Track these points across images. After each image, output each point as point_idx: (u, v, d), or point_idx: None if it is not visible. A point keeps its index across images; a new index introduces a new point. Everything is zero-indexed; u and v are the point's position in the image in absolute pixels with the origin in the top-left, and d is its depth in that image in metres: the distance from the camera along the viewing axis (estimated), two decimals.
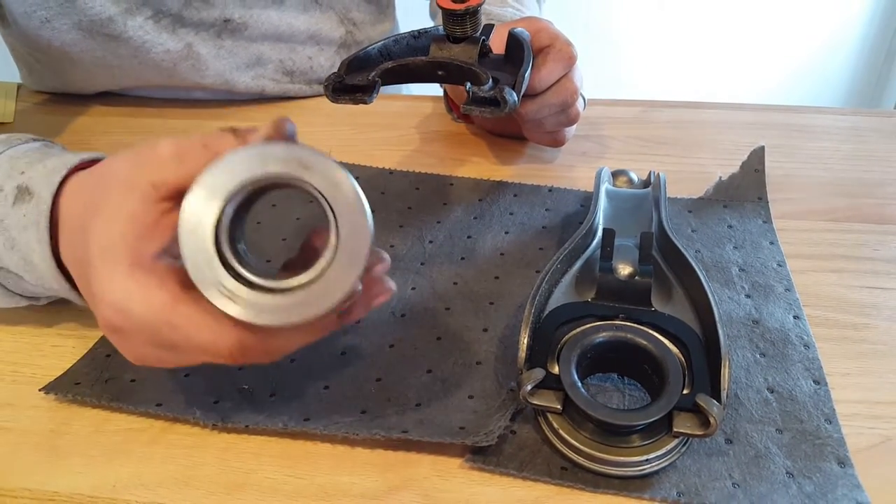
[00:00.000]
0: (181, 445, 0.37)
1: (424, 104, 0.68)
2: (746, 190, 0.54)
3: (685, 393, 0.35)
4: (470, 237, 0.51)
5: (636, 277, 0.40)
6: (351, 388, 0.39)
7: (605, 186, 0.50)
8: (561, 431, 0.35)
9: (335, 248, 0.29)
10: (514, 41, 0.49)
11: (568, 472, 0.35)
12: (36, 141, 0.42)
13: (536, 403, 0.35)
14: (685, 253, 0.41)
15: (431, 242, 0.50)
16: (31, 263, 0.37)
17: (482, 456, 0.36)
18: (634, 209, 0.47)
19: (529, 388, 0.35)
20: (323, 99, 0.69)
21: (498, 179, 0.57)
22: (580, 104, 0.55)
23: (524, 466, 0.35)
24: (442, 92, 0.65)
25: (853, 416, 0.38)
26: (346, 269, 0.29)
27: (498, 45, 0.51)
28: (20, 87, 0.74)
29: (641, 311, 0.39)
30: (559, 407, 0.35)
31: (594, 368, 0.39)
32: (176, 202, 0.31)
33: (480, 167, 0.59)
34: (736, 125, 0.64)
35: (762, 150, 0.57)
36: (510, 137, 0.62)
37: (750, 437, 0.36)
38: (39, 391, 0.39)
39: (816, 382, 0.39)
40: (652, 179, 0.50)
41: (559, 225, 0.52)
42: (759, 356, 0.41)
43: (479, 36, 0.48)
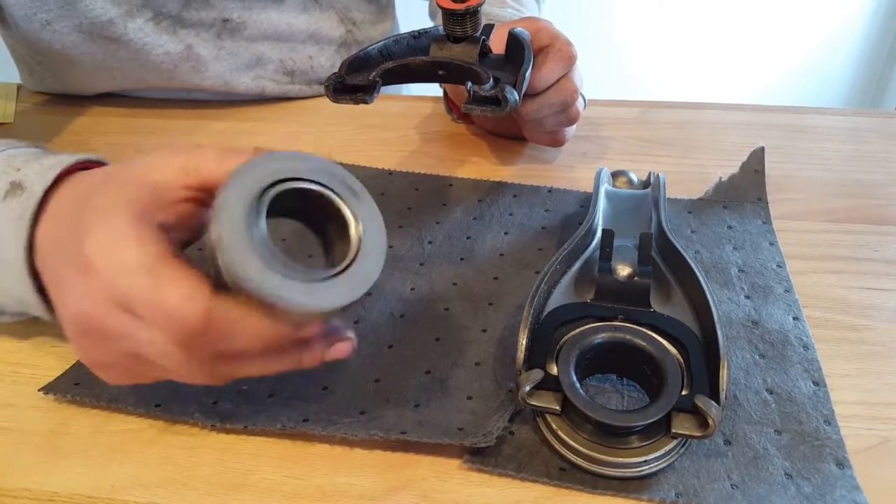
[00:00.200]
0: (180, 446, 0.37)
1: (424, 105, 0.68)
2: (746, 191, 0.54)
3: (684, 394, 0.35)
4: (469, 238, 0.51)
5: (635, 278, 0.40)
6: (349, 388, 0.39)
7: (604, 187, 0.50)
8: (559, 432, 0.35)
9: (355, 256, 0.32)
10: (514, 41, 0.49)
11: (566, 473, 0.35)
12: (37, 148, 0.41)
13: (535, 404, 0.35)
14: (684, 254, 0.41)
15: (431, 243, 0.50)
16: (2, 261, 0.35)
17: (481, 457, 0.36)
18: (634, 210, 0.47)
19: (528, 388, 0.35)
20: (323, 99, 0.69)
21: (497, 180, 0.57)
22: (580, 104, 0.55)
23: (522, 467, 0.35)
24: (442, 93, 0.65)
25: (852, 417, 0.38)
26: (366, 275, 0.32)
27: (498, 45, 0.51)
28: (20, 87, 0.74)
29: (640, 311, 0.39)
30: (558, 408, 0.35)
31: (593, 369, 0.39)
32: (200, 196, 0.32)
33: (480, 168, 0.59)
34: (736, 126, 0.64)
35: (762, 150, 0.57)
36: (510, 138, 0.62)
37: (749, 438, 0.36)
38: (39, 391, 0.39)
39: (815, 384, 0.39)
40: (651, 180, 0.50)
41: (558, 226, 0.52)
42: (758, 357, 0.41)
43: (479, 36, 0.48)
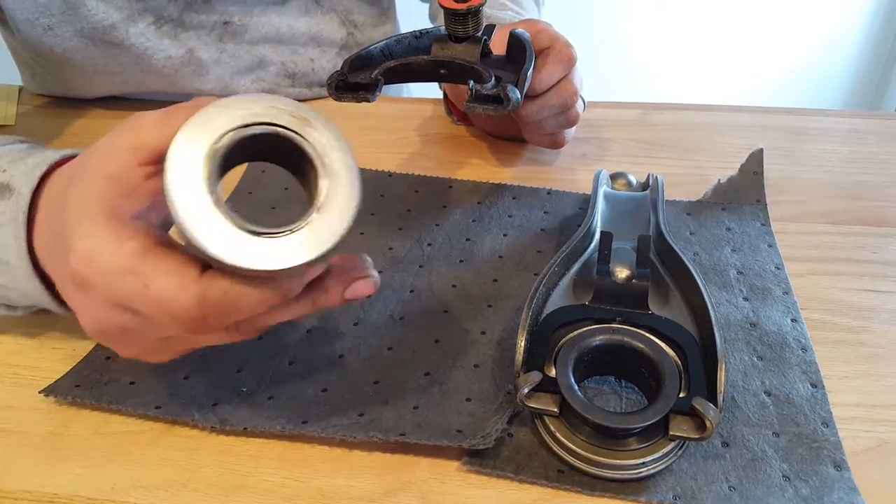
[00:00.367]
0: (180, 448, 0.37)
1: (424, 106, 0.68)
2: (745, 193, 0.54)
3: (682, 396, 0.35)
4: (468, 240, 0.51)
5: (633, 280, 0.40)
6: (349, 390, 0.39)
7: (603, 189, 0.50)
8: (558, 434, 0.35)
9: (324, 200, 0.29)
10: (515, 41, 0.49)
11: (564, 475, 0.35)
12: (23, 143, 0.41)
13: (533, 406, 0.35)
14: (682, 256, 0.42)
15: (430, 245, 0.50)
16: (6, 263, 0.36)
17: (479, 459, 0.36)
18: (632, 212, 0.47)
19: (526, 391, 0.35)
20: (323, 101, 0.70)
21: (497, 182, 0.57)
22: (580, 106, 0.55)
23: (521, 469, 0.35)
24: (442, 94, 0.65)
25: (850, 419, 0.38)
26: (335, 221, 0.29)
27: (498, 47, 0.51)
28: (21, 89, 0.74)
29: (638, 314, 0.39)
30: (556, 410, 0.35)
31: (591, 371, 0.39)
32: (159, 168, 0.30)
33: (480, 170, 0.59)
34: (735, 128, 0.64)
35: (761, 152, 0.57)
36: (510, 140, 0.62)
37: (746, 440, 0.36)
38: (39, 393, 0.40)
39: (814, 386, 0.39)
40: (650, 182, 0.50)
41: (558, 227, 0.52)
42: (756, 359, 0.41)
43: (480, 35, 0.49)
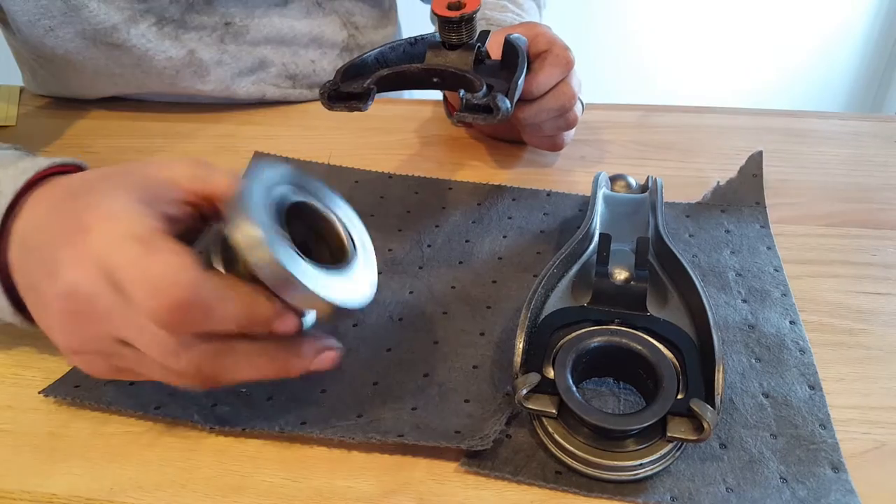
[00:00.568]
0: (179, 448, 0.37)
1: (424, 108, 0.69)
2: (744, 195, 0.55)
3: (679, 398, 0.35)
4: (468, 241, 0.51)
5: (632, 282, 0.40)
6: (347, 391, 0.39)
7: (602, 191, 0.50)
8: (556, 435, 0.35)
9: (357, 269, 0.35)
10: (509, 48, 0.49)
11: (562, 476, 0.35)
12: (17, 150, 0.42)
13: (531, 408, 0.35)
14: (681, 258, 0.42)
15: (430, 246, 0.51)
16: None
17: (477, 460, 0.36)
18: (631, 214, 0.47)
19: (525, 392, 0.35)
20: None
21: (496, 184, 0.57)
22: (578, 108, 0.55)
23: (519, 470, 0.35)
24: (441, 96, 0.65)
25: (848, 421, 0.38)
26: (366, 286, 0.35)
27: (496, 49, 0.51)
28: (23, 90, 0.74)
29: (637, 315, 0.39)
30: (554, 411, 0.35)
31: (589, 373, 0.39)
32: (202, 204, 0.34)
33: (479, 171, 0.59)
34: (735, 130, 0.64)
35: (760, 154, 0.57)
36: (509, 142, 0.62)
37: (744, 441, 0.36)
38: (39, 394, 0.40)
39: (811, 388, 0.39)
40: (649, 184, 0.50)
41: (557, 229, 0.52)
42: (754, 361, 0.41)
43: (474, 42, 0.49)
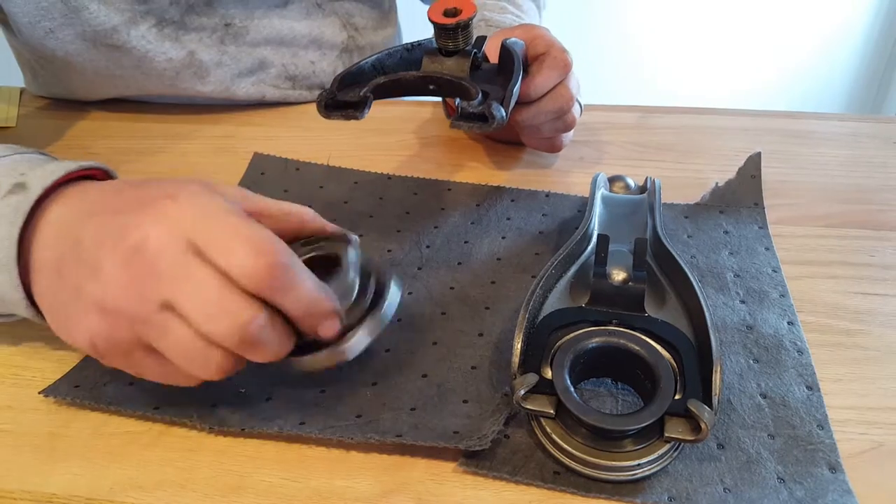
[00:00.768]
0: (178, 448, 0.37)
1: (423, 109, 0.69)
2: (743, 196, 0.55)
3: (677, 398, 0.35)
4: (467, 242, 0.51)
5: (630, 283, 0.40)
6: (346, 392, 0.40)
7: (600, 192, 0.50)
8: (554, 436, 0.35)
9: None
10: (505, 53, 0.49)
11: (560, 476, 0.35)
12: (43, 155, 0.42)
13: (529, 408, 0.35)
14: (679, 259, 0.42)
15: (429, 247, 0.51)
16: None
17: (476, 460, 0.36)
18: (630, 215, 0.48)
19: (523, 392, 0.35)
20: None
21: (495, 185, 0.57)
22: (576, 110, 0.55)
23: (517, 471, 0.35)
24: (441, 97, 0.66)
25: (845, 421, 0.38)
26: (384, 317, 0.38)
27: (494, 52, 0.51)
28: (23, 91, 0.74)
29: (635, 316, 0.39)
30: (552, 412, 0.35)
31: (587, 373, 0.39)
32: None
33: (478, 172, 0.59)
34: (734, 131, 0.64)
35: (758, 156, 0.57)
36: (508, 143, 0.62)
37: (742, 442, 0.37)
38: (39, 394, 0.40)
39: (809, 388, 0.39)
40: (648, 185, 0.50)
41: (556, 230, 0.52)
42: (752, 362, 0.41)
43: (470, 49, 0.49)
